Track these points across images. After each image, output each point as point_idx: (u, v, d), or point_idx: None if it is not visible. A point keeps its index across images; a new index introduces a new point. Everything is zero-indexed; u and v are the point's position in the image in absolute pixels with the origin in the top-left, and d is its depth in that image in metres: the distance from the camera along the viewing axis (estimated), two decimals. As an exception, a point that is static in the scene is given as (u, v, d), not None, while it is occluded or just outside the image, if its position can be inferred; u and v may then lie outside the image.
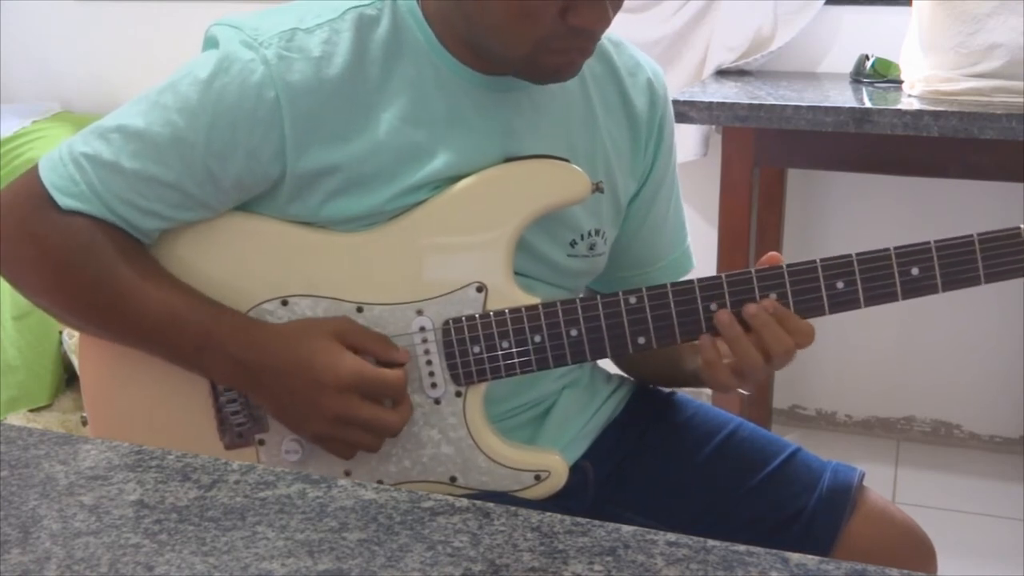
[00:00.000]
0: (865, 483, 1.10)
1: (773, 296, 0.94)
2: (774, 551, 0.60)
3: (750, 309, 0.94)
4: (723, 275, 0.95)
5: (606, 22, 0.89)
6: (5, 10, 2.97)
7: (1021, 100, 1.76)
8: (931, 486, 2.33)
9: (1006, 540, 2.11)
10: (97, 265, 0.95)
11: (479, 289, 0.96)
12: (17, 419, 2.41)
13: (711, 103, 1.86)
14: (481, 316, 0.96)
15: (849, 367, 2.53)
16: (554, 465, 1.00)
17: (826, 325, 2.62)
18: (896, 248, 0.93)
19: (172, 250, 0.99)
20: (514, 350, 0.96)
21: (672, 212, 1.13)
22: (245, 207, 0.98)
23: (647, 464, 1.13)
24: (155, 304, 0.95)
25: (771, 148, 1.96)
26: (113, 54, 2.90)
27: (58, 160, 0.96)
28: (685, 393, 1.21)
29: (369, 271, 0.97)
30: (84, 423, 1.06)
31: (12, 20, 2.97)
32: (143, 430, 1.01)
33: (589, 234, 1.04)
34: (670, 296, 0.95)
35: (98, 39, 2.90)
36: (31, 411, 2.46)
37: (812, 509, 1.07)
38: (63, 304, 0.99)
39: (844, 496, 1.07)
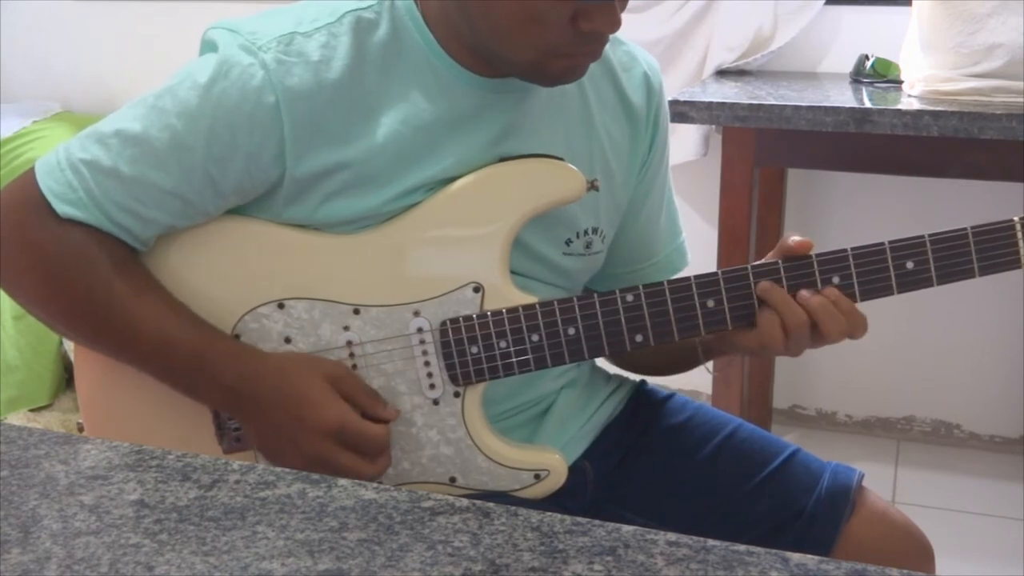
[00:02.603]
0: (865, 483, 1.10)
1: (837, 279, 0.94)
2: (774, 551, 0.60)
3: (803, 294, 0.94)
4: (719, 271, 0.95)
5: (616, 25, 0.88)
6: (5, 10, 2.97)
7: (1021, 100, 1.76)
8: (931, 486, 2.33)
9: (1006, 540, 2.11)
10: (92, 279, 0.94)
11: (476, 289, 0.96)
12: (17, 419, 2.41)
13: (711, 103, 1.86)
14: (478, 316, 0.96)
15: (849, 367, 2.53)
16: (554, 464, 1.00)
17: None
18: (891, 242, 0.94)
19: (167, 255, 0.98)
20: (512, 350, 0.96)
21: (666, 207, 1.13)
22: (241, 210, 0.97)
23: (646, 464, 1.13)
24: (147, 324, 0.94)
25: (771, 148, 1.96)
26: (113, 54, 2.90)
27: (55, 165, 0.95)
28: (684, 394, 1.21)
29: (365, 273, 0.97)
30: (80, 430, 1.06)
31: (12, 20, 2.97)
32: (140, 436, 1.01)
33: (585, 232, 1.04)
34: (667, 294, 0.95)
35: (98, 39, 2.90)
36: (31, 411, 2.46)
37: (811, 510, 1.07)
38: (56, 315, 0.98)
39: (843, 497, 1.07)
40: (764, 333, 0.95)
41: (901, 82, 2.00)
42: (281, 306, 0.97)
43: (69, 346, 2.46)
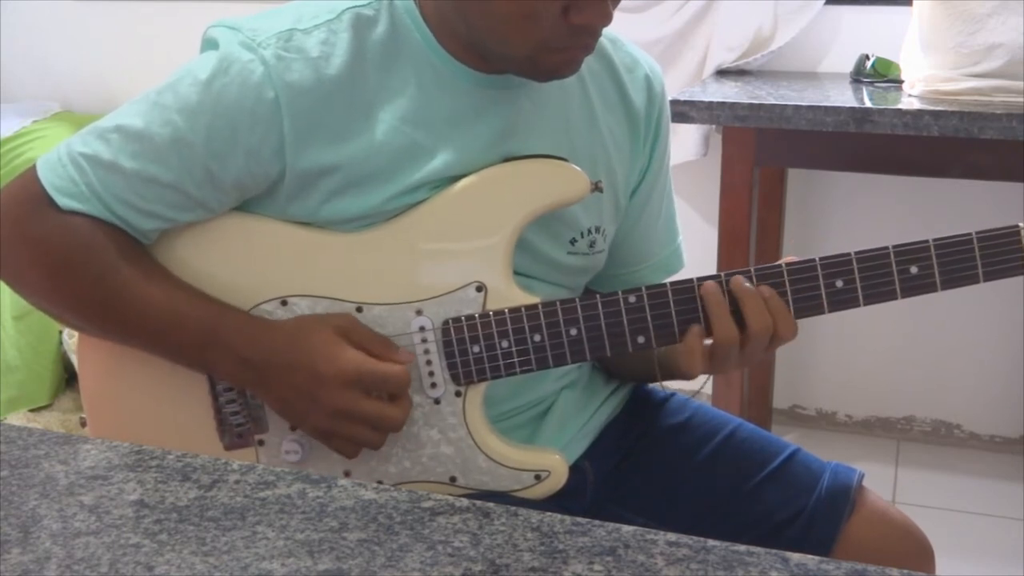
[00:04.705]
0: (865, 483, 1.10)
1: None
2: (774, 551, 0.60)
3: (739, 281, 0.94)
4: (722, 274, 0.95)
5: (607, 18, 0.89)
6: (5, 10, 2.97)
7: (1021, 100, 1.76)
8: (931, 486, 2.33)
9: (1006, 540, 2.11)
10: (98, 265, 0.95)
11: (478, 289, 0.96)
12: (17, 419, 2.41)
13: (711, 103, 1.86)
14: (481, 316, 0.96)
15: (849, 367, 2.53)
16: (554, 465, 1.00)
17: (826, 325, 2.63)
18: (895, 247, 0.93)
19: (172, 251, 0.99)
20: (514, 349, 0.96)
21: (664, 210, 1.14)
22: (244, 207, 0.98)
23: (646, 465, 1.13)
24: (157, 303, 0.95)
25: (771, 148, 1.96)
26: (113, 54, 2.90)
27: (56, 161, 0.96)
28: (684, 394, 1.21)
29: (368, 271, 0.97)
30: (83, 424, 1.06)
31: (12, 20, 2.97)
32: (142, 432, 1.01)
33: (589, 231, 1.04)
34: (670, 295, 0.95)
35: (98, 39, 2.90)
36: (31, 411, 2.46)
37: (811, 510, 1.07)
38: (64, 305, 0.99)
39: (843, 497, 1.07)
40: (686, 343, 0.95)
41: (901, 82, 2.00)
42: (284, 303, 0.97)
43: (69, 346, 2.46)
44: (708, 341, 0.96)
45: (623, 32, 1.08)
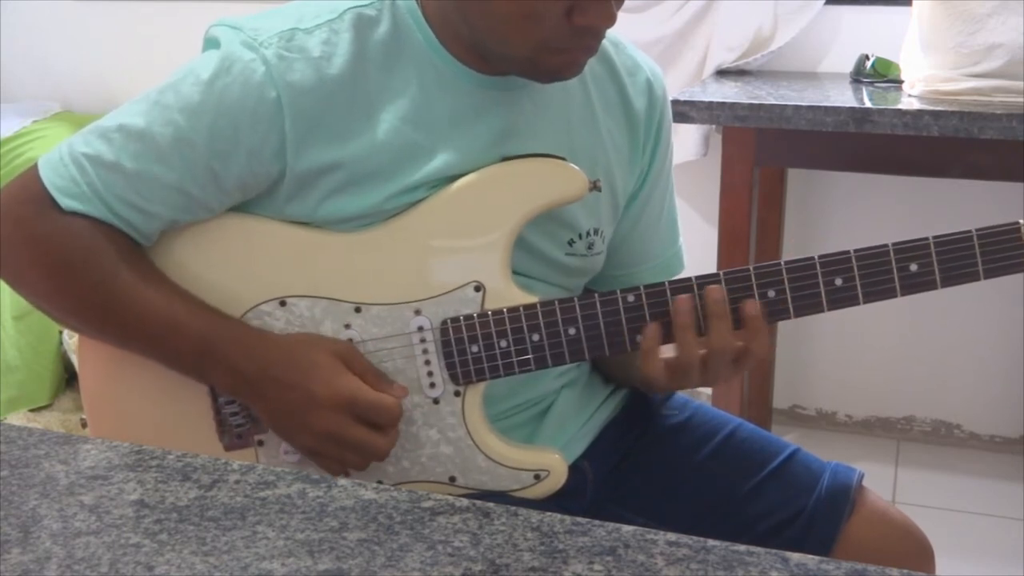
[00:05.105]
0: (865, 483, 1.10)
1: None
2: (774, 551, 0.60)
3: (714, 294, 0.93)
4: (721, 272, 0.95)
5: (612, 20, 0.89)
6: (5, 10, 2.97)
7: (1021, 100, 1.76)
8: (931, 486, 2.33)
9: (1006, 540, 2.11)
10: (99, 268, 0.95)
11: (477, 288, 0.96)
12: (17, 419, 2.41)
13: (711, 103, 1.86)
14: (479, 315, 0.96)
15: (849, 367, 2.53)
16: (554, 464, 1.00)
17: (826, 325, 2.63)
18: (895, 244, 0.93)
19: (170, 251, 0.99)
20: (512, 349, 0.96)
21: (665, 213, 1.13)
22: (242, 208, 0.98)
23: (646, 464, 1.13)
24: (156, 310, 0.95)
25: (771, 148, 1.96)
26: (113, 54, 2.90)
27: (58, 161, 0.96)
28: (684, 394, 1.20)
29: (367, 271, 0.97)
30: (84, 425, 1.06)
31: (12, 20, 2.97)
32: (143, 432, 1.01)
33: (588, 233, 1.04)
34: (668, 294, 0.95)
35: (98, 39, 2.91)
36: (31, 411, 2.46)
37: (811, 510, 1.07)
38: (63, 307, 0.99)
39: (843, 497, 1.07)
40: (642, 343, 0.95)
41: (901, 82, 2.00)
42: (283, 304, 0.97)
43: (69, 346, 2.46)
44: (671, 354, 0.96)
45: (623, 32, 1.08)
